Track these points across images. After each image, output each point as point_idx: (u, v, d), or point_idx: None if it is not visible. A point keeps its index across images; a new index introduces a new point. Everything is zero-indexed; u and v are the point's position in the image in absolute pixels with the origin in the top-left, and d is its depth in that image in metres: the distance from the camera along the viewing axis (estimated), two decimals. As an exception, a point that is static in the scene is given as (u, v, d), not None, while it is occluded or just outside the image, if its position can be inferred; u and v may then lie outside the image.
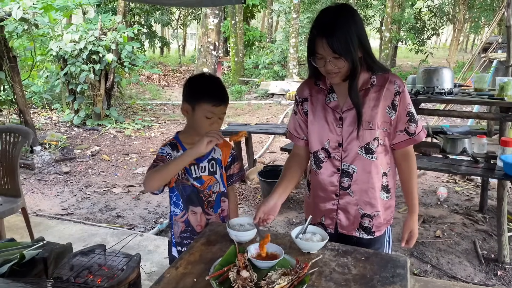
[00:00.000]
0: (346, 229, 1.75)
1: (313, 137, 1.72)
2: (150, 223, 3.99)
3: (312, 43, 1.53)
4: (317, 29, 1.51)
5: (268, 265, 1.44)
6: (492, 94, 3.28)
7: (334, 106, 1.66)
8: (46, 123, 8.21)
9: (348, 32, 1.47)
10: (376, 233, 1.74)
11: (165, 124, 8.79)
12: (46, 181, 5.17)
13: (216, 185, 1.86)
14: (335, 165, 1.69)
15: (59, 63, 7.75)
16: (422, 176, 5.27)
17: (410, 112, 1.61)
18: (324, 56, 1.51)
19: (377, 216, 1.72)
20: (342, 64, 1.50)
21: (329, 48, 1.47)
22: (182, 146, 1.79)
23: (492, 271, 3.10)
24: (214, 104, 1.69)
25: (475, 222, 3.90)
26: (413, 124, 1.62)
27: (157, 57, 25.12)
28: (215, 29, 8.75)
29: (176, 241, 1.87)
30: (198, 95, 1.71)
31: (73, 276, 1.69)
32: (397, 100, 1.58)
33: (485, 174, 3.10)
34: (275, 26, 24.82)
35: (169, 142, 1.81)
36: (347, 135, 1.64)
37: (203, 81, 1.77)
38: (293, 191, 4.74)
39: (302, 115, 1.77)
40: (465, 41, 29.75)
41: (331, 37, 1.46)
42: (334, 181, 1.71)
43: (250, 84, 14.93)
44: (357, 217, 1.72)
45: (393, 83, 1.59)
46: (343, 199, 1.71)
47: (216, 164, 1.86)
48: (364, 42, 1.53)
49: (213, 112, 1.70)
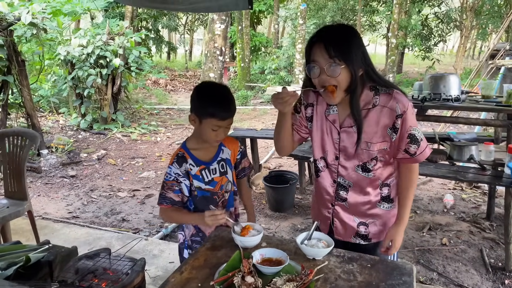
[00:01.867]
0: (342, 236, 1.77)
1: (315, 145, 1.73)
2: (155, 228, 3.99)
3: (309, 50, 1.51)
4: (315, 36, 1.50)
5: (273, 271, 1.44)
6: (499, 101, 3.26)
7: (332, 120, 1.65)
8: (53, 127, 8.26)
9: (349, 41, 1.46)
10: (373, 239, 1.74)
11: (171, 128, 8.82)
12: (52, 184, 5.20)
13: (228, 184, 1.89)
14: (332, 177, 1.71)
15: (67, 67, 7.82)
16: (428, 183, 5.23)
17: (411, 135, 1.56)
18: (320, 64, 1.47)
19: (372, 224, 1.72)
20: (338, 73, 1.45)
21: (326, 52, 1.44)
22: (190, 155, 1.81)
23: (499, 280, 3.07)
24: (222, 118, 1.71)
25: (482, 230, 3.86)
26: (414, 146, 1.58)
27: (164, 62, 25.27)
28: (222, 34, 8.79)
29: (188, 244, 1.91)
30: (205, 109, 1.71)
31: (77, 279, 1.69)
32: (398, 123, 1.55)
33: (492, 182, 3.07)
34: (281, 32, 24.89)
35: (176, 156, 1.81)
36: (344, 152, 1.64)
37: (210, 93, 1.76)
38: (299, 197, 4.73)
39: (303, 118, 1.74)
40: (472, 48, 29.62)
41: (329, 41, 1.44)
42: (330, 191, 1.73)
43: (256, 89, 14.95)
44: (353, 226, 1.73)
45: (395, 104, 1.54)
46: (338, 210, 1.73)
47: (226, 164, 1.88)
48: (366, 56, 1.50)
49: (219, 125, 1.72)
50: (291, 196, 4.46)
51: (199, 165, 1.81)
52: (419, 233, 3.80)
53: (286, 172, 4.65)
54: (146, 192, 4.98)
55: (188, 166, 1.78)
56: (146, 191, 5.03)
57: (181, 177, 1.78)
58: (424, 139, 1.61)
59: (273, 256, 1.53)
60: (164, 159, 6.47)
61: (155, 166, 6.10)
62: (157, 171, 5.81)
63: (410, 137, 1.57)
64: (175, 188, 1.78)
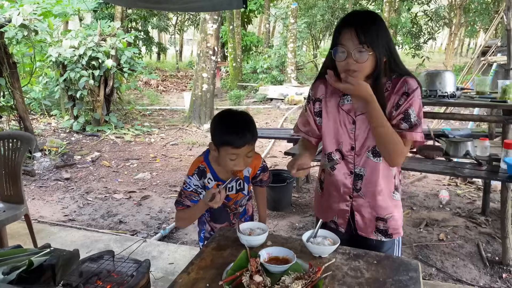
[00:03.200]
0: (364, 232, 1.75)
1: (328, 139, 1.72)
2: (152, 229, 3.97)
3: (338, 33, 1.49)
4: (346, 20, 1.49)
5: (280, 270, 1.44)
6: (494, 97, 3.29)
7: (348, 109, 1.64)
8: (45, 129, 8.18)
9: (378, 28, 1.46)
10: (394, 235, 1.73)
11: (164, 129, 8.78)
12: (47, 187, 5.15)
13: (243, 199, 1.91)
14: (349, 168, 1.69)
15: (59, 69, 7.74)
16: (423, 179, 5.28)
17: (407, 112, 1.53)
18: (348, 48, 1.46)
19: (390, 219, 1.71)
20: (365, 59, 1.45)
21: (356, 38, 1.44)
22: (210, 169, 1.81)
23: (497, 274, 3.10)
24: (235, 146, 1.66)
25: (478, 225, 3.90)
26: (404, 124, 1.54)
27: (154, 62, 25.17)
28: (214, 34, 8.76)
29: (205, 236, 1.95)
30: (220, 137, 1.69)
31: (82, 282, 1.68)
32: (402, 100, 1.54)
33: (488, 177, 3.10)
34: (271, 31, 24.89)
35: (197, 168, 1.80)
36: (360, 139, 1.64)
37: (226, 120, 1.73)
38: (296, 196, 4.74)
39: (312, 114, 1.75)
40: (460, 45, 29.94)
41: (361, 27, 1.44)
42: (347, 183, 1.71)
43: (248, 89, 14.95)
44: (372, 220, 1.72)
45: (404, 85, 1.55)
46: (357, 202, 1.72)
47: (243, 181, 1.88)
48: (392, 46, 1.51)
49: (236, 154, 1.68)
50: (289, 194, 4.46)
51: (216, 180, 1.82)
52: (416, 229, 3.83)
53: (283, 171, 4.65)
54: (142, 193, 4.96)
55: (206, 180, 1.80)
56: (142, 192, 5.00)
57: (200, 189, 1.80)
58: (420, 126, 1.56)
59: (279, 255, 1.53)
60: (158, 160, 6.44)
61: (150, 167, 6.07)
62: (152, 172, 5.78)
63: (405, 113, 1.54)
64: (193, 198, 1.79)
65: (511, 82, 3.17)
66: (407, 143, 1.57)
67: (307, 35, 18.97)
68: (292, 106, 11.58)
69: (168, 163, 6.23)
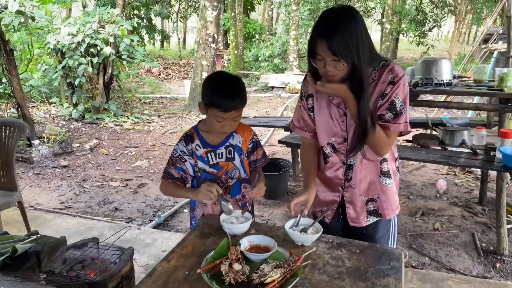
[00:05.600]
0: (357, 221, 1.76)
1: (320, 133, 1.76)
2: (148, 217, 3.98)
3: (313, 44, 1.51)
4: (318, 30, 1.49)
5: (261, 258, 1.43)
6: (491, 86, 3.24)
7: (337, 103, 1.67)
8: (45, 117, 8.18)
9: (350, 35, 1.44)
10: (384, 215, 1.74)
11: (164, 117, 8.76)
12: (44, 174, 5.16)
13: (234, 171, 1.87)
14: (341, 159, 1.72)
15: (57, 56, 7.71)
16: (422, 168, 5.24)
17: (392, 101, 1.54)
18: (324, 58, 1.49)
19: (379, 199, 1.73)
20: (342, 67, 1.48)
21: (329, 50, 1.45)
22: (198, 135, 1.82)
23: (490, 264, 3.09)
24: (223, 110, 1.66)
25: (474, 214, 3.88)
26: (389, 114, 1.55)
27: (157, 50, 25.05)
28: (214, 21, 8.68)
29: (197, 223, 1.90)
30: (208, 98, 1.69)
31: (65, 269, 1.67)
32: (388, 89, 1.55)
33: (484, 166, 3.06)
34: (275, 19, 24.67)
35: (185, 135, 1.84)
36: (353, 130, 1.64)
37: (218, 83, 1.73)
38: (292, 184, 4.72)
39: (306, 110, 1.79)
40: (467, 33, 29.53)
41: (332, 39, 1.43)
42: (339, 174, 1.74)
43: (250, 77, 14.86)
44: (363, 206, 1.74)
45: (389, 74, 1.56)
46: (348, 192, 1.74)
47: (234, 150, 1.86)
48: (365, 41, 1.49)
49: (223, 117, 1.68)
50: (285, 183, 4.45)
51: (205, 147, 1.81)
52: (412, 218, 3.81)
53: (279, 160, 4.64)
54: (139, 181, 4.96)
55: (194, 146, 1.80)
56: (139, 180, 5.01)
57: (186, 155, 1.81)
58: (405, 116, 1.56)
59: (261, 243, 1.52)
60: (157, 148, 6.43)
61: (148, 155, 6.06)
62: (150, 160, 5.78)
63: (391, 103, 1.55)
64: (178, 165, 1.81)
65: (508, 70, 3.11)
66: (390, 135, 1.59)
67: (310, 22, 18.75)
68: (294, 95, 11.50)
69: (166, 151, 6.22)
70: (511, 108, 3.05)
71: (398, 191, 1.80)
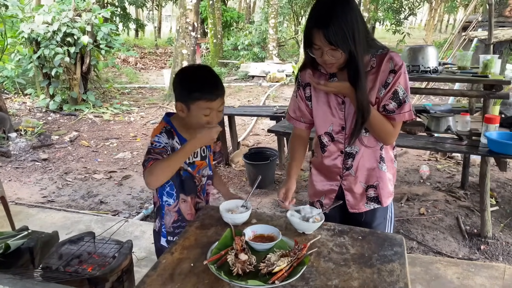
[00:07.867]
0: (356, 208, 1.78)
1: (317, 122, 1.75)
2: (134, 209, 3.92)
3: (309, 34, 1.50)
4: (313, 20, 1.47)
5: (266, 247, 1.42)
6: (475, 72, 3.31)
7: None
8: (20, 109, 7.92)
9: (345, 23, 1.42)
10: (383, 202, 1.76)
11: (144, 108, 8.62)
12: (23, 168, 5.01)
13: (205, 169, 1.83)
14: (339, 148, 1.72)
15: (32, 46, 7.45)
16: (404, 155, 5.33)
17: (395, 91, 1.57)
18: (322, 47, 1.48)
19: (378, 186, 1.74)
20: (339, 56, 1.48)
21: (325, 40, 1.44)
22: (177, 134, 1.69)
23: (475, 246, 3.18)
24: (211, 99, 1.59)
25: (457, 198, 3.98)
26: (393, 103, 1.58)
27: (132, 40, 24.47)
28: (194, 9, 8.54)
29: (167, 231, 1.78)
30: (191, 93, 1.59)
31: (62, 265, 1.63)
32: (390, 78, 1.56)
33: (469, 151, 3.14)
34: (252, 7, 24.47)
35: (163, 128, 1.68)
36: (351, 118, 1.64)
37: (193, 76, 1.65)
38: (279, 173, 4.73)
39: (303, 100, 1.78)
40: (440, 21, 30.04)
41: (327, 29, 1.42)
42: (337, 163, 1.75)
43: (229, 66, 14.74)
44: (363, 193, 1.75)
45: (389, 62, 1.56)
46: (347, 180, 1.75)
47: (206, 148, 1.82)
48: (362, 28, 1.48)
49: (211, 108, 1.61)
50: (272, 172, 4.46)
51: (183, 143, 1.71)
52: (398, 204, 3.88)
53: (266, 149, 4.63)
54: (122, 173, 4.88)
55: (174, 142, 1.68)
56: (122, 172, 4.92)
57: (170, 149, 1.65)
58: (409, 104, 1.59)
59: (264, 232, 1.51)
60: (139, 139, 6.33)
61: (131, 146, 5.96)
62: (133, 152, 5.68)
63: (394, 93, 1.57)
64: (164, 156, 1.60)
65: (492, 57, 3.18)
66: (396, 124, 1.62)
67: (288, 10, 18.67)
68: (274, 84, 11.48)
69: (149, 143, 6.12)
70: (495, 94, 3.12)
71: (395, 179, 1.82)
